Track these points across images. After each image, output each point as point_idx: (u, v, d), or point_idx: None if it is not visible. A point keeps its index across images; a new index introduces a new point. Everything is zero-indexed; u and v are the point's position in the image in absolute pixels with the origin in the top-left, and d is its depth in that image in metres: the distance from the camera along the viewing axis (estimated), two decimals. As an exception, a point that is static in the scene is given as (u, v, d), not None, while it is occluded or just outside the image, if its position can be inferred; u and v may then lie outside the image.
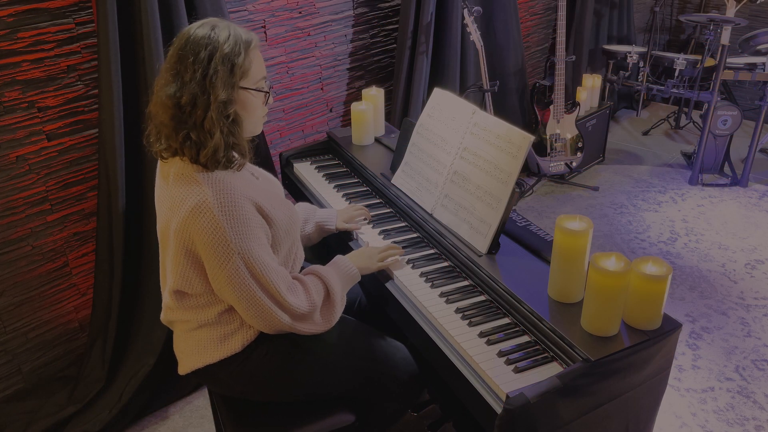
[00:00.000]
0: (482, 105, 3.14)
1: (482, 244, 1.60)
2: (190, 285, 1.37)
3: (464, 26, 2.98)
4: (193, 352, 1.45)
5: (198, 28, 1.30)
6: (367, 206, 1.93)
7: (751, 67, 3.52)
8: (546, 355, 1.35)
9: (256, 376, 1.46)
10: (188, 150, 1.30)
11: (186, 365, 1.48)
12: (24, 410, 2.05)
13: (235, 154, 1.35)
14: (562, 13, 3.40)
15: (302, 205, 1.82)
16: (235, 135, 1.33)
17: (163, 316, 1.50)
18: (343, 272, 1.53)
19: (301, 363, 1.47)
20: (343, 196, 2.03)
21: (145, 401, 2.14)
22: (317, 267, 1.52)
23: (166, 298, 1.44)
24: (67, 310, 2.16)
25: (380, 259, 1.62)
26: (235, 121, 1.32)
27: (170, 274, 1.38)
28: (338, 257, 1.58)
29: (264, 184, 1.49)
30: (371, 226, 1.86)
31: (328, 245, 1.92)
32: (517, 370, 1.30)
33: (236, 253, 1.28)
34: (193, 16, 1.99)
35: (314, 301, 1.42)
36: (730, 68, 3.50)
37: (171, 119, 1.29)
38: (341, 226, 1.81)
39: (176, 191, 1.31)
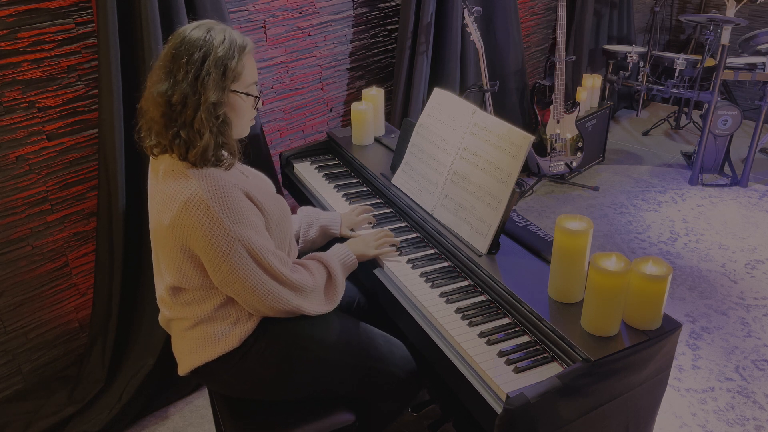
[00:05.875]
0: (482, 105, 3.14)
1: (482, 244, 1.60)
2: (188, 280, 1.37)
3: (464, 26, 2.98)
4: (191, 351, 1.45)
5: (194, 30, 1.32)
6: (367, 206, 1.93)
7: (751, 67, 3.52)
8: (546, 355, 1.35)
9: (255, 373, 1.46)
10: (177, 148, 1.31)
11: (185, 365, 1.48)
12: (24, 410, 2.05)
13: (225, 153, 1.37)
14: (562, 13, 3.40)
15: (306, 209, 1.82)
16: (225, 135, 1.35)
17: (161, 316, 1.51)
18: (341, 258, 1.59)
19: (299, 361, 1.47)
20: (344, 196, 2.03)
21: (145, 401, 2.14)
22: (317, 253, 1.57)
23: (162, 293, 1.45)
24: (67, 310, 2.16)
25: (376, 246, 1.67)
26: (225, 121, 1.34)
27: (167, 270, 1.39)
28: (336, 245, 1.64)
29: (254, 181, 1.51)
30: (371, 226, 1.86)
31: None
32: (517, 370, 1.30)
33: (237, 241, 1.30)
34: (192, 16, 1.99)
35: (317, 279, 1.47)
36: (730, 68, 3.50)
37: (161, 116, 1.31)
38: (346, 233, 1.81)
39: (167, 187, 1.32)
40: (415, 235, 1.81)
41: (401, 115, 2.95)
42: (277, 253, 1.39)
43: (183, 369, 1.50)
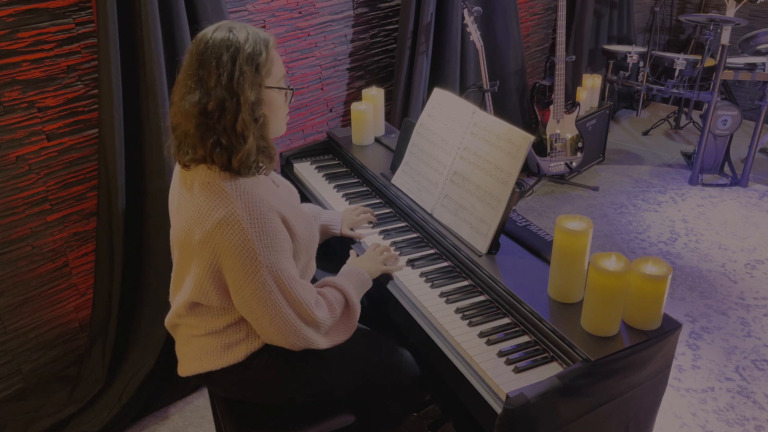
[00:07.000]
0: (482, 105, 3.14)
1: (482, 244, 1.60)
2: (207, 298, 1.35)
3: (464, 26, 2.98)
4: (195, 357, 1.45)
5: (215, 32, 1.27)
6: (367, 206, 1.93)
7: (751, 67, 3.52)
8: (546, 355, 1.35)
9: (257, 382, 1.45)
10: (218, 157, 1.26)
11: (187, 368, 1.48)
12: (24, 410, 2.05)
13: (261, 160, 1.33)
14: (562, 13, 3.40)
15: (306, 206, 1.81)
16: (265, 138, 1.32)
17: (168, 321, 1.49)
18: (357, 281, 1.53)
19: (302, 368, 1.47)
20: (343, 196, 2.03)
21: (145, 401, 2.14)
22: (331, 278, 1.51)
23: (178, 306, 1.42)
24: (67, 310, 2.16)
25: (382, 262, 1.63)
26: (264, 123, 1.31)
27: (188, 284, 1.37)
28: (348, 266, 1.58)
29: (284, 193, 1.48)
30: (371, 226, 1.86)
31: (330, 245, 1.92)
32: (517, 370, 1.30)
33: (264, 267, 1.26)
34: (193, 17, 1.99)
35: (336, 312, 1.42)
36: (730, 68, 3.50)
37: (196, 128, 1.26)
38: (346, 233, 1.81)
39: (202, 201, 1.28)
40: (415, 235, 1.81)
41: (401, 115, 2.95)
42: (303, 283, 1.35)
43: (184, 371, 1.49)
